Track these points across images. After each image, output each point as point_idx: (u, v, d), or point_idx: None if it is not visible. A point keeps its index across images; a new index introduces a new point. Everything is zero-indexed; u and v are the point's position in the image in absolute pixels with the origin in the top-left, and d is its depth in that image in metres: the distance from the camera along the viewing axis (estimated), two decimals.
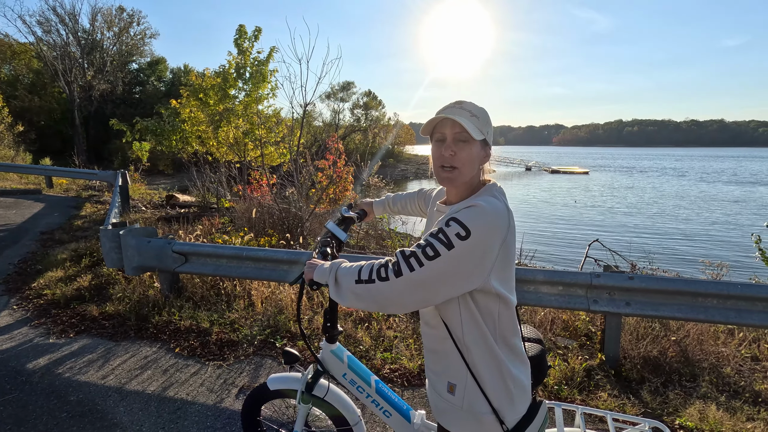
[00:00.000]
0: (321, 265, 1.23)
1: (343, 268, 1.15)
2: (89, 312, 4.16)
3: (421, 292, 1.02)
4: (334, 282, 1.15)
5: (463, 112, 1.12)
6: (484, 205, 1.03)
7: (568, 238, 13.68)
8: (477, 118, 1.12)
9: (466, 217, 1.01)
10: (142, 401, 2.80)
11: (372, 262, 1.11)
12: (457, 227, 1.00)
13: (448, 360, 1.17)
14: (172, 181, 24.87)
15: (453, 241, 0.99)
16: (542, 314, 3.85)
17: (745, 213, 19.75)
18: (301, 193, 6.89)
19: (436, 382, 1.23)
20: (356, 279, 1.08)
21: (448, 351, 1.16)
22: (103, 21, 35.24)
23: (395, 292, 1.02)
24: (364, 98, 50.83)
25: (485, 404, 1.13)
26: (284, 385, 1.78)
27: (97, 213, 9.64)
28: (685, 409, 2.65)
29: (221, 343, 3.57)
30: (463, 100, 1.16)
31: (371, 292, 1.05)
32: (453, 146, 1.12)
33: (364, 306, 1.08)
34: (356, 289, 1.08)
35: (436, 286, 1.01)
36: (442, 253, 0.99)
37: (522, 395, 1.16)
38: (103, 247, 4.46)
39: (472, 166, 1.13)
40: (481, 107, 1.15)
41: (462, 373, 1.15)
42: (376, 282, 1.04)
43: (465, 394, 1.14)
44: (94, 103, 34.07)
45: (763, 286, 2.90)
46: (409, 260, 1.02)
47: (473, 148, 1.12)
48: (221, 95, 9.77)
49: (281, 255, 3.86)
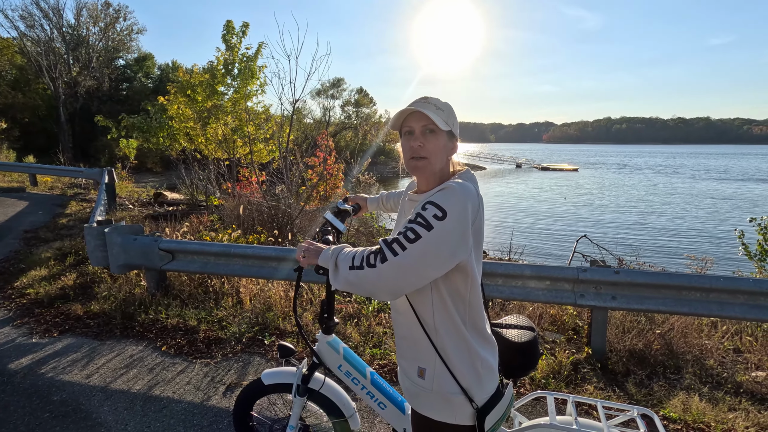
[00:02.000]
0: (326, 249, 1.24)
1: (343, 254, 1.17)
2: (73, 311, 4.10)
3: (407, 276, 1.04)
4: (334, 267, 1.17)
5: (428, 105, 1.17)
6: (455, 186, 1.08)
7: (556, 234, 13.80)
8: (442, 111, 1.18)
9: (440, 199, 1.06)
10: (127, 400, 2.76)
11: (365, 249, 1.14)
12: (433, 209, 1.04)
13: (418, 345, 1.22)
14: (161, 179, 24.56)
15: (431, 222, 1.03)
16: (530, 309, 3.88)
17: (728, 209, 20.11)
18: (291, 190, 6.85)
19: (407, 367, 1.27)
20: (350, 265, 1.11)
21: (417, 337, 1.21)
22: (88, 16, 34.59)
23: (382, 278, 1.04)
24: (355, 95, 50.69)
25: (455, 385, 1.17)
26: (279, 379, 1.78)
27: (83, 211, 9.49)
28: (669, 401, 2.70)
29: (209, 340, 3.54)
30: (428, 96, 1.21)
31: (360, 278, 1.08)
32: (421, 138, 1.17)
33: (356, 291, 1.11)
34: (349, 276, 1.10)
35: (421, 267, 1.03)
36: (422, 234, 1.02)
37: (490, 375, 1.21)
38: (88, 245, 4.39)
39: (440, 156, 1.19)
40: (446, 102, 1.21)
41: (431, 357, 1.19)
42: (365, 268, 1.07)
43: (434, 376, 1.19)
44: (80, 100, 33.45)
45: (745, 279, 2.95)
46: (392, 246, 1.05)
47: (440, 138, 1.18)
48: (209, 92, 9.65)
49: (270, 252, 3.84)
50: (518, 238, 9.84)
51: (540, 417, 1.60)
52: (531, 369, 1.43)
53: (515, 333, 1.46)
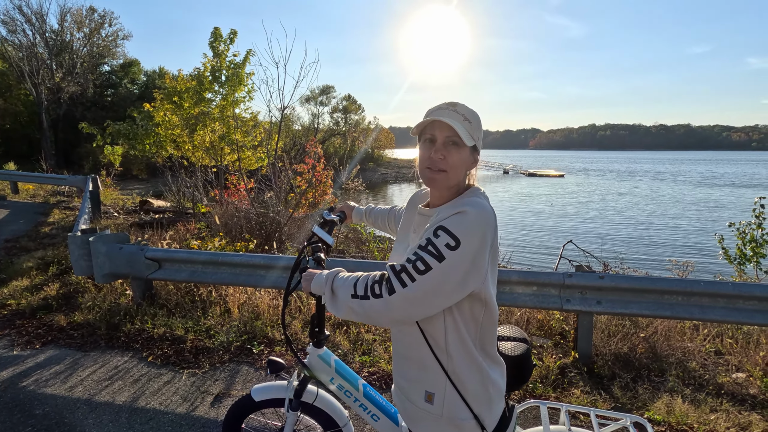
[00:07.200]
0: (319, 275, 1.20)
1: (339, 279, 1.13)
2: (56, 322, 4.01)
3: (416, 307, 1.00)
4: (330, 293, 1.13)
5: (456, 115, 1.09)
6: (471, 210, 1.01)
7: (543, 239, 13.97)
8: (469, 123, 1.09)
9: (454, 225, 0.99)
10: (113, 412, 2.71)
11: (367, 275, 1.09)
12: (446, 237, 0.98)
13: (426, 369, 1.14)
14: (147, 186, 24.22)
15: (443, 252, 0.97)
16: (518, 314, 3.92)
17: (710, 214, 20.59)
18: (280, 197, 6.83)
19: (410, 390, 1.20)
20: (352, 293, 1.06)
21: (424, 359, 1.13)
22: (72, 21, 34.10)
23: (390, 309, 1.01)
24: (344, 102, 50.80)
25: (466, 411, 1.11)
26: (270, 394, 1.74)
27: (66, 219, 9.30)
28: (654, 403, 2.75)
29: (196, 350, 3.49)
30: (456, 102, 1.12)
31: (365, 308, 1.04)
32: (443, 149, 1.09)
33: (359, 320, 1.07)
34: (352, 304, 1.06)
35: (431, 299, 0.99)
36: (433, 266, 0.97)
37: (499, 397, 1.16)
38: (72, 255, 4.31)
39: (460, 171, 1.11)
40: (474, 110, 1.12)
41: (441, 381, 1.12)
42: (371, 299, 1.02)
43: (444, 402, 1.12)
44: (63, 106, 32.87)
45: (724, 283, 3.03)
46: (401, 276, 1.00)
47: (463, 152, 1.09)
48: (196, 98, 9.60)
49: (258, 260, 3.82)
50: (505, 243, 9.94)
51: (533, 426, 1.62)
52: (524, 382, 1.38)
53: (509, 345, 1.42)
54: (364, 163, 39.50)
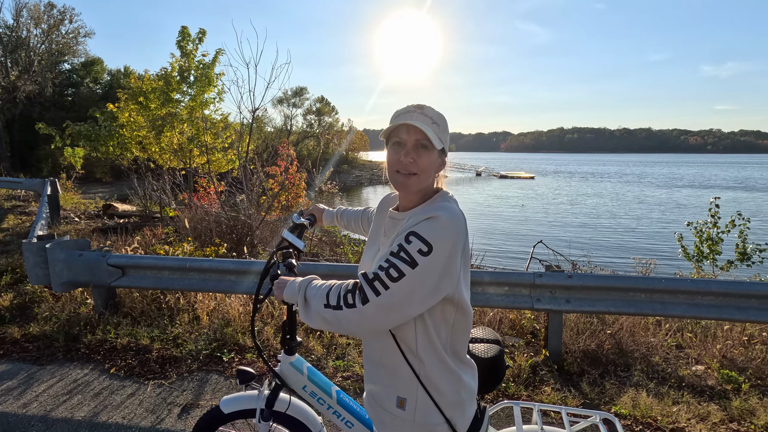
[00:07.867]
0: (291, 283, 1.17)
1: (312, 288, 1.10)
2: (10, 334, 3.78)
3: (390, 316, 0.99)
4: (303, 302, 1.10)
5: (424, 118, 1.08)
6: (442, 215, 1.01)
7: (514, 240, 14.28)
8: (437, 126, 1.09)
9: (425, 231, 0.99)
10: (71, 429, 2.56)
11: (340, 284, 1.06)
12: (418, 243, 0.98)
13: (397, 373, 1.13)
14: (111, 190, 23.29)
15: (416, 258, 0.97)
16: (491, 314, 3.97)
17: (671, 213, 21.60)
18: (251, 201, 6.68)
19: (381, 396, 1.19)
20: (324, 303, 1.04)
21: (397, 364, 1.12)
22: (29, 17, 32.53)
23: (364, 319, 0.99)
24: (317, 104, 50.47)
25: (438, 415, 1.11)
26: (240, 405, 1.67)
27: (21, 225, 8.81)
28: (620, 398, 2.83)
29: (163, 360, 3.36)
30: (423, 105, 1.12)
31: (339, 318, 1.01)
32: (413, 152, 1.08)
33: (332, 330, 1.04)
34: (325, 314, 1.03)
35: (405, 306, 0.98)
36: (406, 272, 0.96)
37: (471, 400, 1.16)
38: (27, 263, 4.07)
39: (430, 174, 1.11)
40: (440, 113, 1.12)
41: (413, 386, 1.11)
42: (344, 309, 1.00)
43: (416, 407, 1.11)
44: (19, 106, 31.20)
45: (683, 280, 3.17)
46: (374, 284, 0.98)
47: (432, 155, 1.09)
48: (163, 99, 9.29)
49: (228, 265, 3.72)
50: (478, 244, 10.09)
51: (506, 427, 1.64)
52: (498, 384, 1.38)
53: (482, 348, 1.41)
54: (339, 166, 39.32)
